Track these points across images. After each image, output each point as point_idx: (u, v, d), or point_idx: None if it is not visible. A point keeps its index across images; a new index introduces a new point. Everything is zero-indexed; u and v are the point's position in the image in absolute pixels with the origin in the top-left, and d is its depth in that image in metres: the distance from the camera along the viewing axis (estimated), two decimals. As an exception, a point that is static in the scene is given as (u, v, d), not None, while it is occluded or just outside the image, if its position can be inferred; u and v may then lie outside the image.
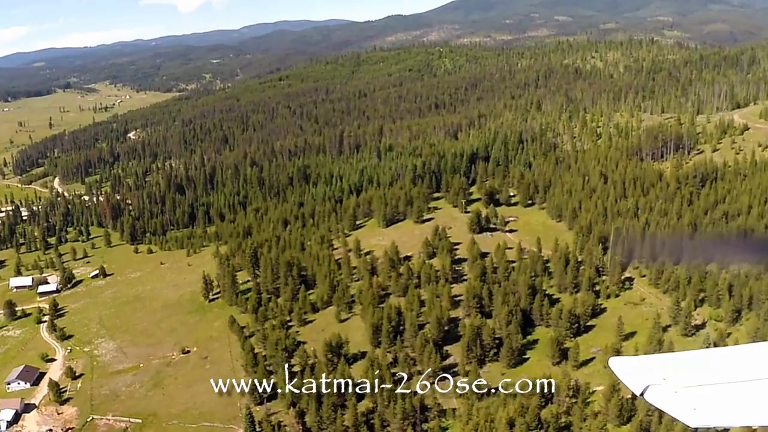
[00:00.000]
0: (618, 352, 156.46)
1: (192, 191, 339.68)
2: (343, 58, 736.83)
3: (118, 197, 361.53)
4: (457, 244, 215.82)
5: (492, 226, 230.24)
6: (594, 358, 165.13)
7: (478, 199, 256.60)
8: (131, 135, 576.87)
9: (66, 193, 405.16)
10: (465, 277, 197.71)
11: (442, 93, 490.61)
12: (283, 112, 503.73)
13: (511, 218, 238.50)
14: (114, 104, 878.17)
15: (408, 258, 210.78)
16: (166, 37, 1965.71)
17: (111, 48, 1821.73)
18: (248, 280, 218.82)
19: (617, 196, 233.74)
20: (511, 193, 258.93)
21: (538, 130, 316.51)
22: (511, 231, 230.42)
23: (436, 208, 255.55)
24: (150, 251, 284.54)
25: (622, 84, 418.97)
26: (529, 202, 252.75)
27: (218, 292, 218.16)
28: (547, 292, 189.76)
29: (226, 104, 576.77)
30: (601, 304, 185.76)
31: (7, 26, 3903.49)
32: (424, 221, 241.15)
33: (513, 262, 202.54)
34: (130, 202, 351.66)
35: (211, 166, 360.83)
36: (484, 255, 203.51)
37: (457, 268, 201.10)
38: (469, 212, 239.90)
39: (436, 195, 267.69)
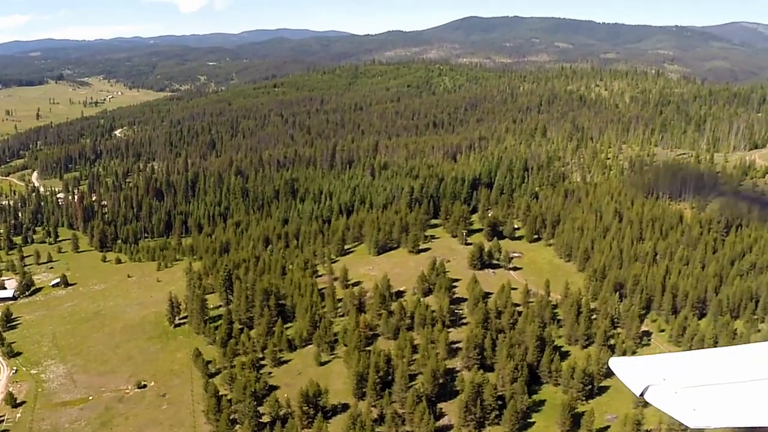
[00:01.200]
0: (638, 424, 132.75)
1: (171, 197, 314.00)
2: (341, 69, 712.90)
3: (94, 198, 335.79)
4: (456, 280, 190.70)
5: (495, 262, 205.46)
6: (609, 427, 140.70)
7: (480, 230, 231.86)
8: (117, 132, 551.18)
9: (42, 189, 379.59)
10: (465, 321, 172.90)
11: (441, 111, 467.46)
12: (275, 119, 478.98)
13: (516, 254, 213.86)
14: (105, 99, 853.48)
15: (401, 294, 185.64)
16: (165, 36, 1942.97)
17: (109, 43, 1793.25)
18: (220, 305, 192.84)
19: (634, 237, 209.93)
20: (516, 226, 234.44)
21: (545, 158, 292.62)
22: (515, 269, 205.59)
23: (433, 237, 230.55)
24: (119, 261, 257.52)
25: (629, 115, 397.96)
26: (536, 236, 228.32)
27: (185, 317, 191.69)
28: (555, 343, 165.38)
29: (217, 107, 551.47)
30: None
31: (7, 14, 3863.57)
32: (419, 251, 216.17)
33: (518, 305, 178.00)
34: (105, 203, 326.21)
35: (194, 172, 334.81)
36: (486, 295, 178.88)
37: (456, 310, 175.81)
38: (470, 244, 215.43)
39: (433, 222, 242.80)
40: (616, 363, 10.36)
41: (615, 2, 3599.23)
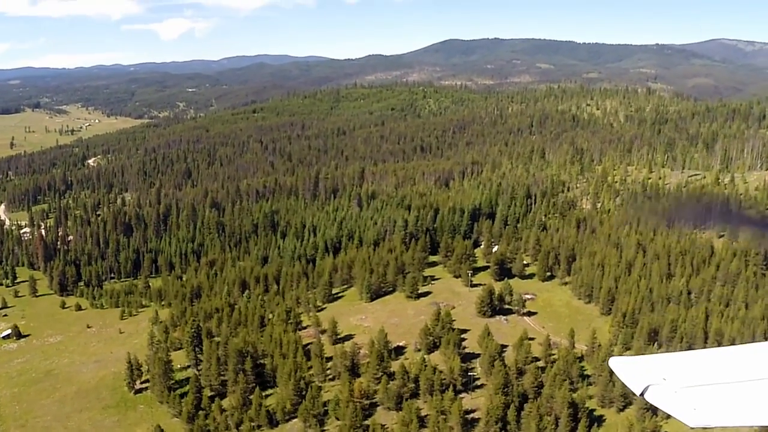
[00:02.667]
0: None
1: (141, 233, 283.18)
2: (322, 93, 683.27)
3: (60, 233, 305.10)
4: (465, 331, 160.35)
5: (507, 306, 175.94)
6: None
7: (485, 268, 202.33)
8: (91, 161, 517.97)
9: (8, 222, 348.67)
10: (479, 382, 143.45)
11: (428, 135, 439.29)
12: (254, 146, 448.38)
13: (529, 296, 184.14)
14: (81, 127, 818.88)
15: (401, 350, 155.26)
16: (145, 63, 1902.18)
17: (89, 71, 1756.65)
18: (188, 366, 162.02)
19: (662, 274, 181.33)
20: (526, 262, 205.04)
21: (549, 184, 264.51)
22: (529, 314, 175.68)
23: (433, 278, 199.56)
24: (79, 307, 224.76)
25: (626, 134, 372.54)
26: (549, 274, 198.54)
27: (147, 380, 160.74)
28: (586, 405, 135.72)
29: (195, 134, 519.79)
30: (660, 427, 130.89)
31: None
32: (419, 296, 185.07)
33: (537, 359, 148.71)
34: (71, 239, 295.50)
35: (166, 204, 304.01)
36: (501, 349, 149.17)
37: (468, 369, 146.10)
38: (475, 285, 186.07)
39: (431, 258, 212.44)
40: (616, 363, 9.93)
41: (594, 22, 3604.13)
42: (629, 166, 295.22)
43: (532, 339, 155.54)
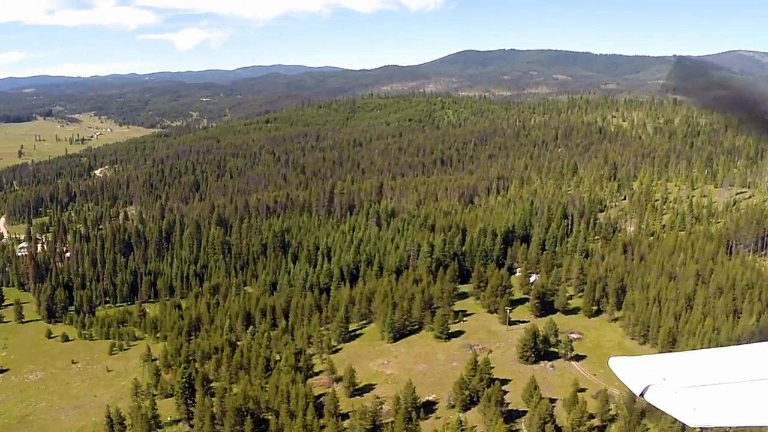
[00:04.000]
0: None
1: (141, 251, 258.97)
2: (337, 103, 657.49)
3: (58, 249, 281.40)
4: (506, 381, 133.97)
5: (552, 349, 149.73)
6: None
7: (523, 301, 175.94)
8: (97, 172, 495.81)
9: (6, 236, 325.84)
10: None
11: (448, 147, 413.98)
12: (266, 158, 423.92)
13: (575, 335, 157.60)
14: (92, 136, 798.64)
15: (431, 406, 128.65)
16: (160, 72, 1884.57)
17: (103, 80, 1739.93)
18: (179, 420, 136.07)
19: (728, 311, 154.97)
20: (568, 293, 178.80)
21: (586, 203, 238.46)
22: (577, 357, 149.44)
23: (464, 314, 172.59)
24: (66, 338, 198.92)
25: (658, 147, 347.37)
26: (595, 308, 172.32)
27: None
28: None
29: (205, 145, 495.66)
30: None
31: (4, 51, 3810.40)
32: (449, 336, 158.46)
33: (592, 416, 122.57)
34: (69, 256, 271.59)
35: (169, 221, 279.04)
36: (550, 405, 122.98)
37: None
38: (514, 323, 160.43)
39: (461, 288, 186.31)
40: (615, 363, 9.65)
41: (611, 33, 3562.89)
42: (668, 183, 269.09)
43: (583, 390, 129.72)
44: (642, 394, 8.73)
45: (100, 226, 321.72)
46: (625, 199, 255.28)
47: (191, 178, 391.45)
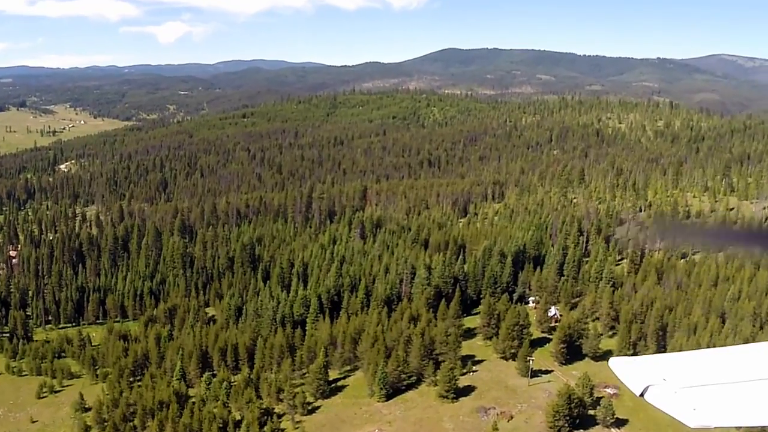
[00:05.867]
0: None
1: (94, 261, 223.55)
2: (318, 99, 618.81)
3: (7, 254, 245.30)
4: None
5: (589, 413, 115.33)
6: None
7: (542, 341, 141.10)
8: (63, 166, 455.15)
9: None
10: None
11: (435, 147, 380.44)
12: (240, 155, 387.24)
13: (610, 390, 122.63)
14: (64, 128, 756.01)
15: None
16: (140, 65, 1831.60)
17: (83, 72, 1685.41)
18: None
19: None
20: (598, 330, 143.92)
21: (603, 216, 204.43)
22: (619, 423, 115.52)
23: (473, 360, 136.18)
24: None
25: (664, 152, 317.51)
26: (632, 352, 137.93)
27: None
28: None
29: (177, 140, 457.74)
30: None
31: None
32: (457, 394, 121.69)
33: None
34: (17, 261, 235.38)
35: (127, 226, 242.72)
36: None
37: None
38: (537, 374, 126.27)
39: (465, 321, 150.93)
40: (615, 363, 9.66)
41: (594, 34, 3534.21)
42: (688, 194, 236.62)
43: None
44: (642, 394, 8.46)
45: (57, 228, 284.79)
46: (641, 210, 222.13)
47: (159, 176, 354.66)
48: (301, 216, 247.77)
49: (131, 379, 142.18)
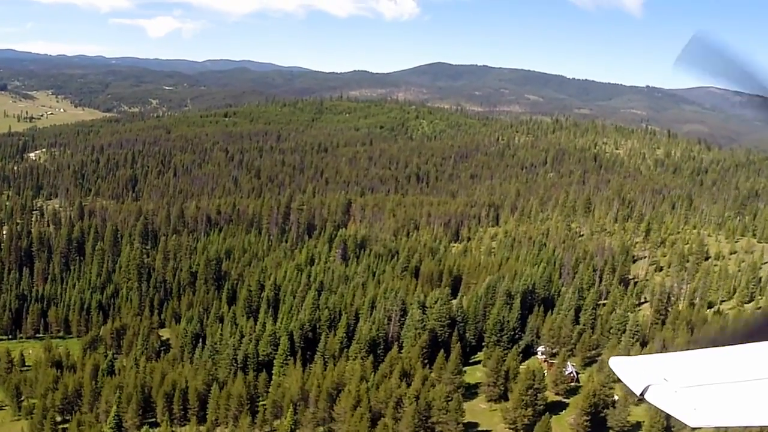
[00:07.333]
0: None
1: (43, 264, 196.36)
2: (303, 102, 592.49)
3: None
4: None
5: None
6: None
7: (558, 406, 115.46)
8: (32, 155, 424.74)
9: None
10: None
11: (425, 162, 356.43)
12: (218, 156, 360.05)
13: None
14: (42, 115, 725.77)
15: None
16: (127, 57, 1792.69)
17: (69, 60, 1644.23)
18: None
19: None
20: (616, 396, 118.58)
21: (617, 253, 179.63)
22: None
23: (477, 431, 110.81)
24: None
25: (669, 183, 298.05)
26: (665, 424, 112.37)
27: None
28: None
29: (153, 135, 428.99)
30: None
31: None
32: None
33: None
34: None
35: (83, 227, 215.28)
36: None
37: None
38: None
39: (465, 376, 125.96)
40: (616, 363, 8.62)
41: (584, 58, 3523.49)
42: (707, 233, 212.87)
43: None
44: (642, 394, 7.89)
45: (18, 221, 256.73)
46: (654, 247, 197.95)
47: (129, 173, 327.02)
48: (277, 228, 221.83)
49: (58, 420, 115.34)
